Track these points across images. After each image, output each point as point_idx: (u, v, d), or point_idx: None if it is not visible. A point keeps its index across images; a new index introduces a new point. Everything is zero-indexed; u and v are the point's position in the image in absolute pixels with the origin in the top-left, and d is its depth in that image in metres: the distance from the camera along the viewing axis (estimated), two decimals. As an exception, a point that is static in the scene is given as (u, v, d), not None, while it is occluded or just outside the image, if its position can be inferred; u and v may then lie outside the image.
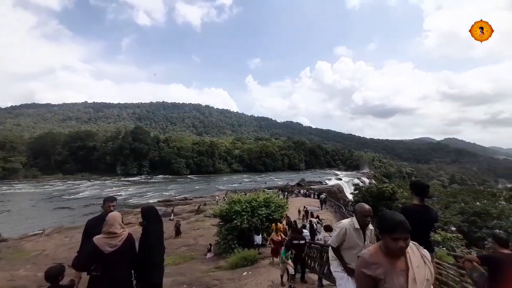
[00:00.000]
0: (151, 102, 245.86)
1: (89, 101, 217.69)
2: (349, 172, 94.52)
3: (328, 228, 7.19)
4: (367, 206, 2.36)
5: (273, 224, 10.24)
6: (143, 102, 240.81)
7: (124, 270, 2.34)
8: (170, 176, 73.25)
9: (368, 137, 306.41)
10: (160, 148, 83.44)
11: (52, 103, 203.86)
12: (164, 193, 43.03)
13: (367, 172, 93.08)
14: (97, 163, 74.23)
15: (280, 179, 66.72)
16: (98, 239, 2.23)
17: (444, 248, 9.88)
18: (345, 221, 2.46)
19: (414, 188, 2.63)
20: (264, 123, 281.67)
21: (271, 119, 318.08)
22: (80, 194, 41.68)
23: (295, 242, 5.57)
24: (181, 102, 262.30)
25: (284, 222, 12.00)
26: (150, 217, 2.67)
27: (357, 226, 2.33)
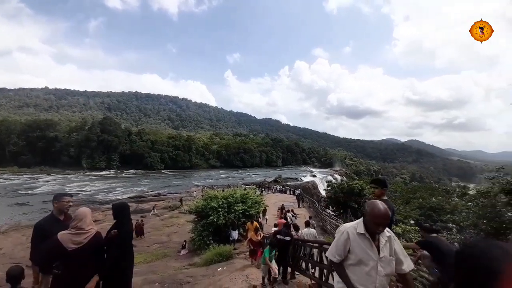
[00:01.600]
0: (123, 91, 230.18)
1: (50, 87, 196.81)
2: (323, 169, 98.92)
3: (296, 227, 6.90)
4: (383, 208, 1.61)
5: (249, 223, 8.79)
6: (113, 91, 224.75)
7: (89, 270, 2.20)
8: (142, 171, 69.99)
9: (341, 136, 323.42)
10: (132, 141, 78.98)
11: (8, 88, 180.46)
12: (136, 189, 40.97)
13: (339, 170, 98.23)
14: (59, 155, 67.93)
15: (257, 175, 67.41)
16: (62, 234, 2.09)
17: (404, 240, 10.90)
18: (347, 224, 1.84)
19: (377, 184, 2.78)
20: (243, 119, 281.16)
21: (250, 115, 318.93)
22: (39, 189, 37.90)
23: (279, 237, 4.79)
24: (156, 94, 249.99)
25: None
26: (124, 215, 2.50)
27: (361, 230, 1.68)
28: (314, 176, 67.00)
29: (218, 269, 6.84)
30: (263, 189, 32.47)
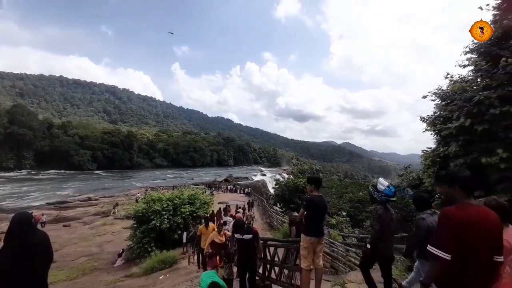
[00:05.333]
0: (42, 74, 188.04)
1: None
2: (272, 169, 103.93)
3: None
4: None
5: (201, 226, 6.36)
6: (28, 73, 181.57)
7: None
8: (67, 172, 59.18)
9: (289, 137, 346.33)
10: (54, 136, 65.74)
11: None
12: (59, 193, 34.35)
13: (286, 169, 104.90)
14: None
15: (208, 174, 65.80)
16: None
17: (337, 230, 12.40)
18: None
19: (313, 182, 3.32)
20: (194, 116, 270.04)
21: (201, 113, 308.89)
22: None
23: (237, 236, 3.90)
24: (88, 81, 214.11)
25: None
26: (16, 228, 1.99)
27: None
28: (264, 175, 69.61)
29: (160, 277, 6.35)
30: (213, 188, 31.93)
